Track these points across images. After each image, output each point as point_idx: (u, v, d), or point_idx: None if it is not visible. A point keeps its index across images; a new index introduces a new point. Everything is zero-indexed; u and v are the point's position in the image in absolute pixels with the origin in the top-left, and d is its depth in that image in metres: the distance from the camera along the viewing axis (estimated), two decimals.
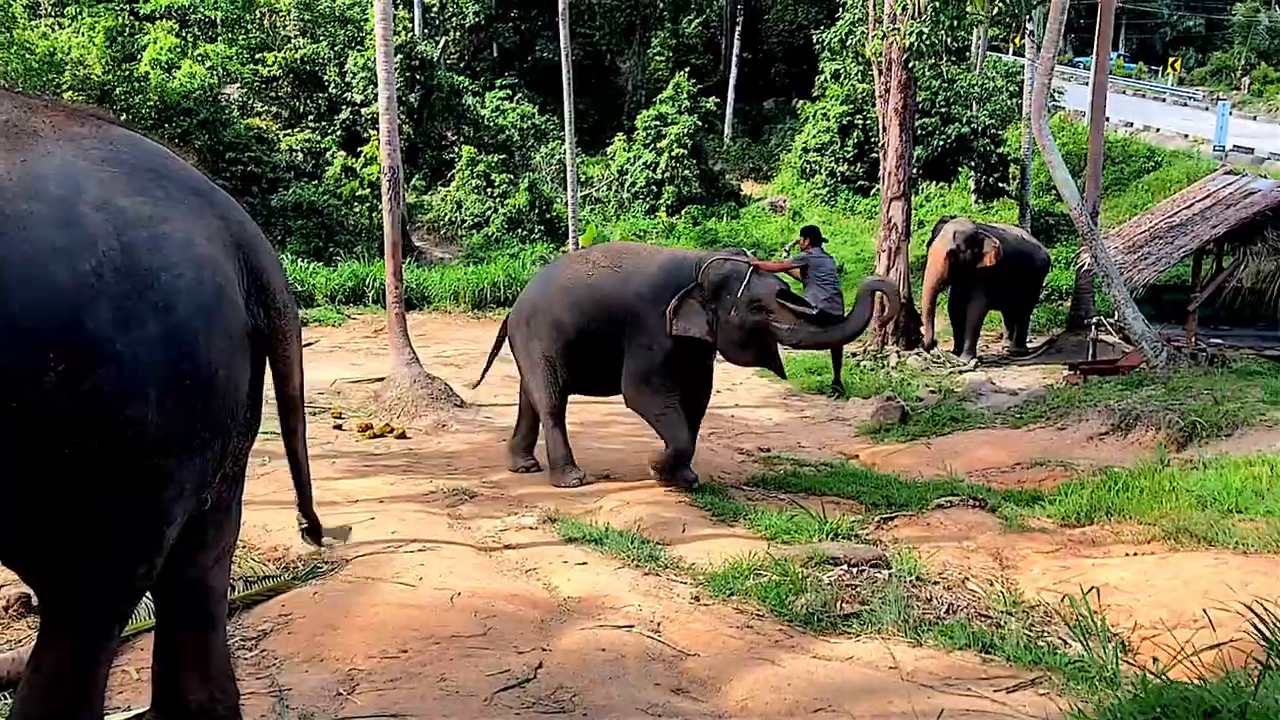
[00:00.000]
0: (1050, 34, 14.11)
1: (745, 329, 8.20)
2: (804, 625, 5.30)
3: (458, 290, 19.57)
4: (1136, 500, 7.60)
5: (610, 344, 8.56)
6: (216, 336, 2.67)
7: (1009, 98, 30.09)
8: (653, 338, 8.34)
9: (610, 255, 8.90)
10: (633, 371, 8.51)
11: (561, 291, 8.77)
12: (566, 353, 8.72)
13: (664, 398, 8.46)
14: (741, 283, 8.21)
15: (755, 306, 8.16)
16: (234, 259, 2.83)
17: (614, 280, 8.58)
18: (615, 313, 8.49)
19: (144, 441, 2.53)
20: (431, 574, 5.70)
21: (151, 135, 3.03)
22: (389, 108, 12.61)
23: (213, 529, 3.10)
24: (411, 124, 28.71)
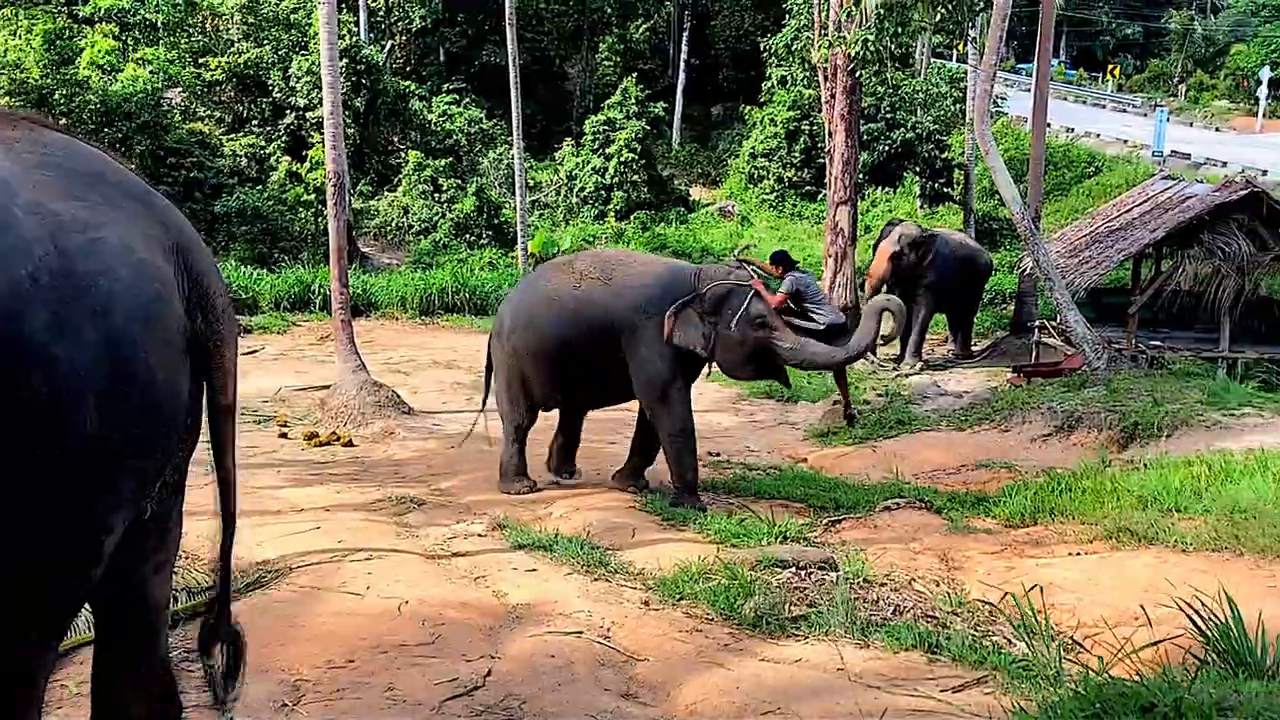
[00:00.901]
0: (992, 41, 14.33)
1: (746, 345, 8.05)
2: (753, 628, 5.32)
3: (405, 296, 19.42)
4: (1079, 501, 7.72)
5: (602, 359, 8.26)
6: (156, 342, 2.62)
7: (953, 104, 30.50)
8: (652, 347, 8.11)
9: (599, 265, 8.54)
10: (645, 385, 8.25)
11: (546, 303, 8.44)
12: (551, 367, 8.44)
13: (681, 415, 8.24)
14: (744, 298, 8.05)
15: (758, 323, 8.01)
16: (173, 264, 2.78)
17: (605, 293, 8.26)
18: (608, 327, 8.19)
19: (82, 450, 2.48)
20: (379, 583, 5.66)
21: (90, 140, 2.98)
22: (334, 112, 12.51)
23: (153, 539, 3.05)
24: (357, 129, 28.49)
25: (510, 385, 8.77)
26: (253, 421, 11.47)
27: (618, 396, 8.71)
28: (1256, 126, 38.82)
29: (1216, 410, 10.71)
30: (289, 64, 28.63)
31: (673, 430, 8.23)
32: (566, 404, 8.98)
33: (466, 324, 18.63)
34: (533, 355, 8.47)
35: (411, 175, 27.85)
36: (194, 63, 28.72)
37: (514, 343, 8.58)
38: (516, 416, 8.79)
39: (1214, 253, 15.17)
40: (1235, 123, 40.40)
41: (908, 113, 29.90)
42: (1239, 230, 15.15)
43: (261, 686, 4.35)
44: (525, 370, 8.55)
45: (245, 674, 3.25)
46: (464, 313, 19.20)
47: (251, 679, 4.41)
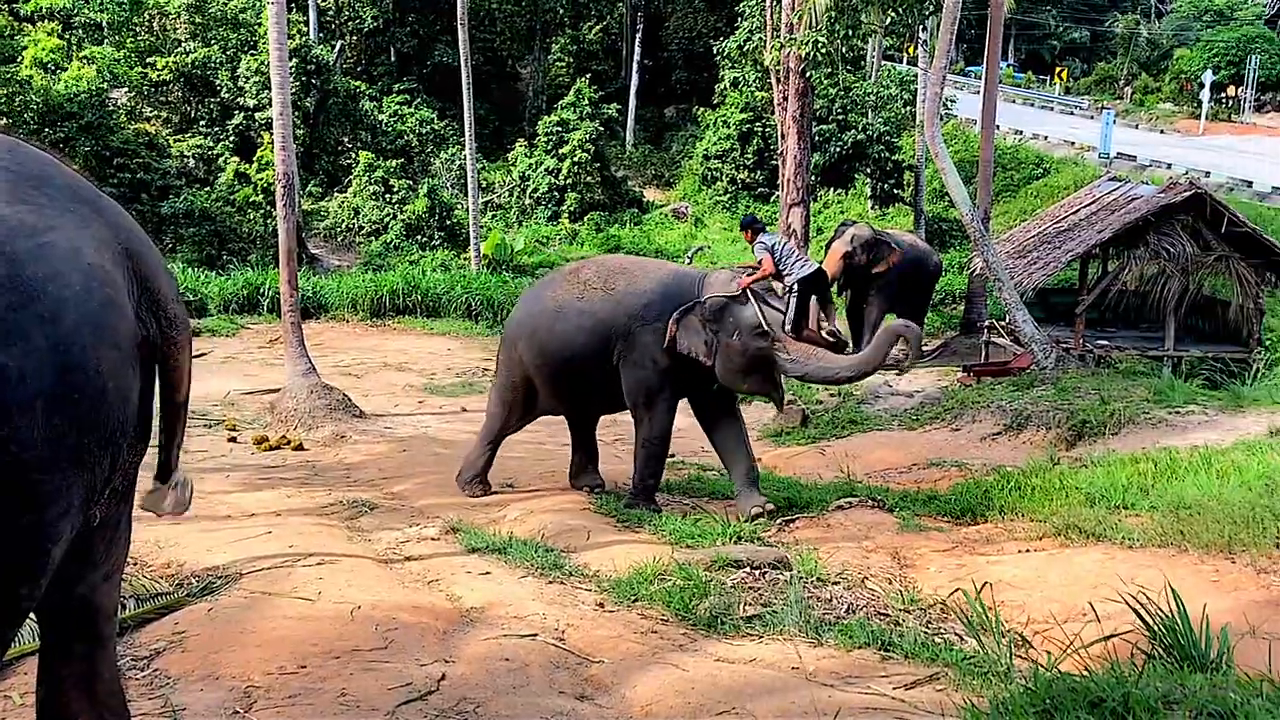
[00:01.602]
0: (942, 44, 14.48)
1: (747, 356, 7.85)
2: (707, 628, 5.34)
3: (355, 298, 19.25)
4: (1029, 498, 7.82)
5: (604, 369, 8.21)
6: (105, 348, 2.58)
7: (903, 106, 30.78)
8: (645, 354, 8.04)
9: (603, 275, 8.44)
10: (632, 391, 8.19)
11: (549, 315, 8.38)
12: (555, 378, 8.39)
13: (660, 425, 8.17)
14: (745, 306, 7.90)
15: (759, 333, 7.81)
16: (123, 268, 2.74)
17: (606, 303, 8.19)
18: (606, 335, 8.14)
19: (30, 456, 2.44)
20: (331, 587, 5.60)
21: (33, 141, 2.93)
22: (283, 113, 12.38)
23: (101, 546, 3.00)
24: (307, 129, 28.25)
25: (505, 390, 8.73)
26: (202, 426, 11.33)
27: (624, 404, 8.54)
28: (1199, 129, 39.54)
29: (1162, 408, 10.90)
30: (237, 64, 28.35)
31: (649, 436, 8.17)
32: (573, 415, 8.91)
33: (418, 326, 18.51)
34: (537, 367, 8.41)
35: (362, 176, 27.66)
36: (140, 62, 28.35)
37: (519, 351, 8.52)
38: (500, 421, 8.76)
39: (1159, 253, 15.43)
40: (1179, 125, 41.12)
41: (859, 115, 30.14)
42: (1183, 231, 15.42)
43: (212, 693, 4.30)
44: (530, 378, 8.51)
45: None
46: (416, 315, 19.06)
47: (202, 686, 4.37)
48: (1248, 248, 15.60)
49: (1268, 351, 15.27)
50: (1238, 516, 6.16)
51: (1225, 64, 42.11)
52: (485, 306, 19.01)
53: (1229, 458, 8.10)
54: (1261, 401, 11.12)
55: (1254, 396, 11.57)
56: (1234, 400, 11.27)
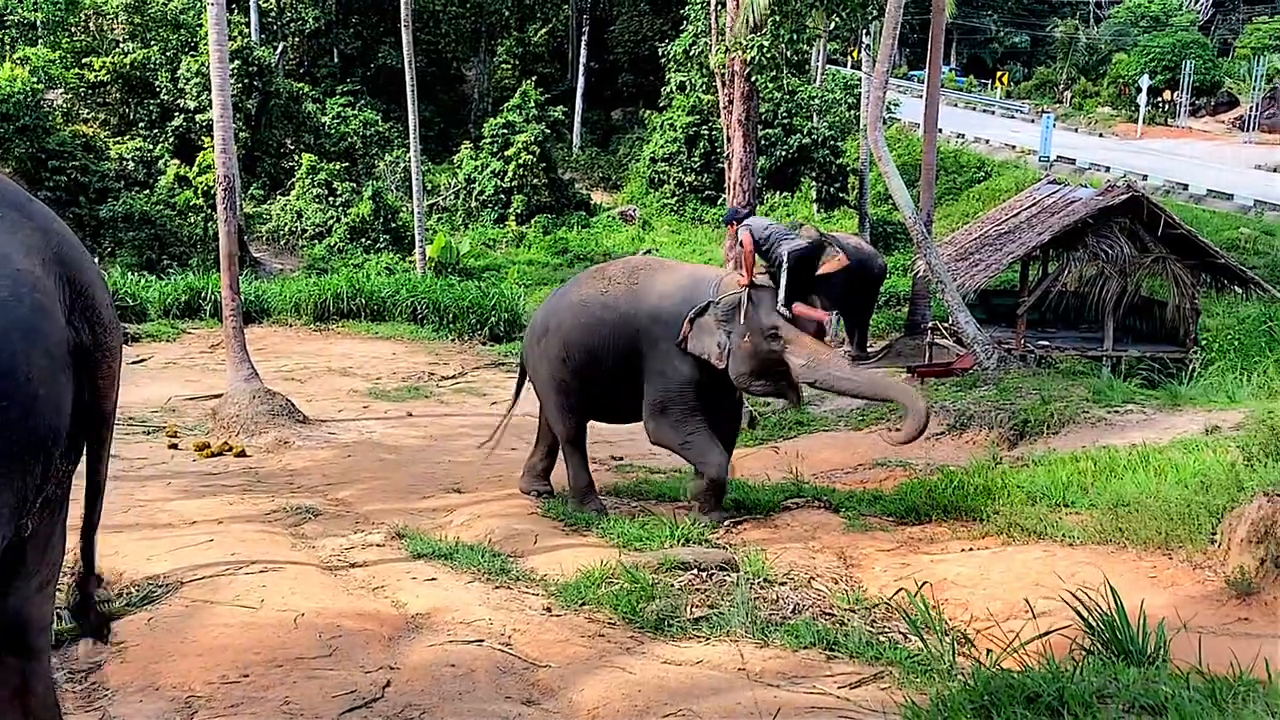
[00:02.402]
0: (884, 49, 14.61)
1: (759, 357, 7.58)
2: (655, 631, 5.34)
3: (299, 302, 19.02)
4: (971, 497, 7.90)
5: (625, 368, 7.98)
6: (36, 354, 2.54)
7: (847, 109, 31.06)
8: (667, 362, 7.80)
9: (628, 271, 8.26)
10: (650, 401, 7.95)
11: (573, 310, 8.18)
12: (579, 376, 8.14)
13: (685, 426, 7.86)
14: (759, 307, 7.64)
15: (771, 335, 7.55)
16: (54, 274, 2.70)
17: (629, 299, 7.97)
18: (628, 334, 7.91)
19: None
20: (274, 595, 5.54)
21: None
22: (224, 115, 12.23)
23: (34, 556, 2.94)
24: (249, 131, 27.95)
25: (549, 396, 8.44)
26: (142, 433, 11.16)
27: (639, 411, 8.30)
28: (1137, 133, 40.30)
29: (1101, 407, 11.08)
30: (177, 65, 27.97)
31: (681, 439, 7.93)
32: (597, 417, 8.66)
33: (363, 330, 18.35)
34: (561, 361, 8.19)
35: (305, 179, 27.42)
36: (77, 63, 27.87)
37: (544, 347, 8.33)
38: (566, 427, 8.41)
39: (1098, 255, 15.69)
40: (1118, 129, 41.89)
41: (804, 119, 30.36)
42: (1121, 233, 15.69)
43: (152, 704, 4.24)
44: (558, 377, 8.26)
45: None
46: (360, 318, 18.89)
47: (141, 697, 4.31)
48: (1183, 249, 15.91)
49: (1203, 351, 15.57)
50: (1174, 514, 6.27)
51: (1161, 69, 42.95)
52: (431, 310, 18.88)
53: (1166, 456, 8.24)
54: (1197, 400, 11.34)
55: (1190, 396, 11.80)
56: (1171, 399, 11.48)
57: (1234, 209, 27.78)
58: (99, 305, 2.86)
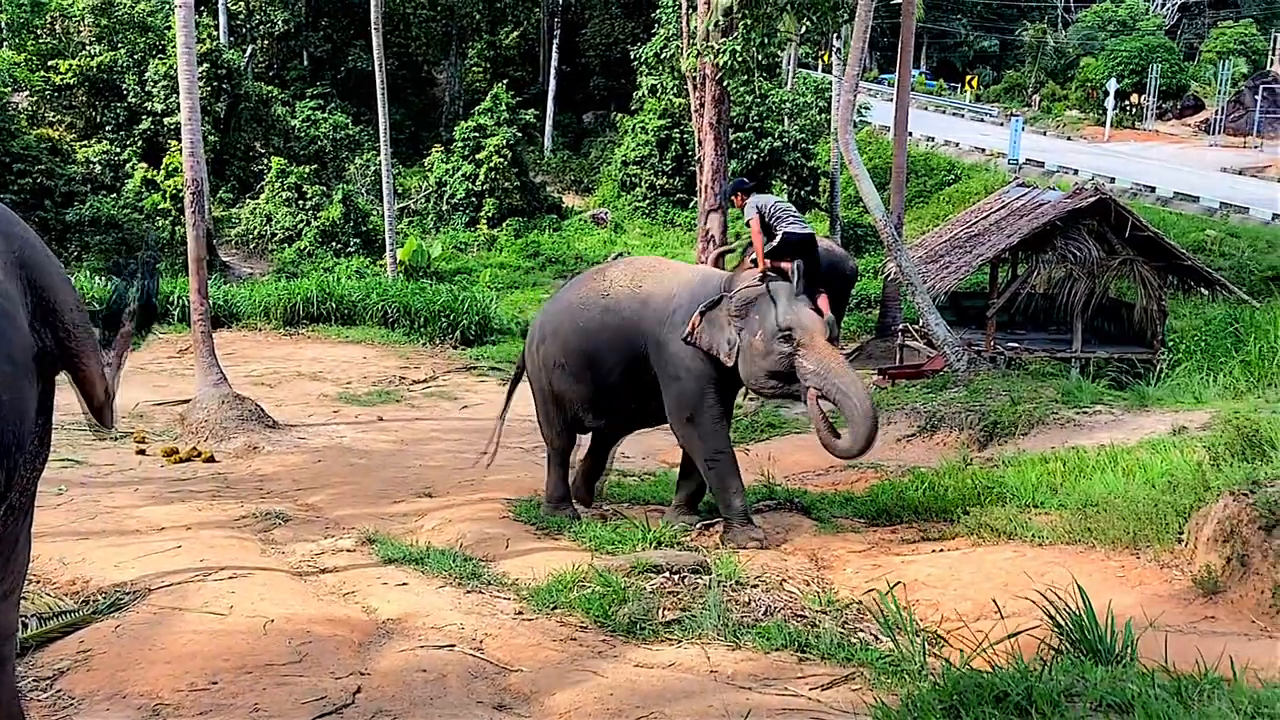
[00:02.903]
0: (854, 53, 14.69)
1: (770, 358, 7.15)
2: (626, 634, 5.34)
3: (268, 306, 18.88)
4: (942, 499, 7.95)
5: (629, 374, 7.64)
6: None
7: (818, 113, 31.22)
8: (679, 365, 7.43)
9: (630, 272, 7.94)
10: (672, 408, 7.58)
11: (571, 314, 7.88)
12: (578, 383, 7.84)
13: (714, 437, 7.48)
14: (774, 305, 7.21)
15: (784, 336, 7.09)
16: (17, 279, 2.67)
17: (632, 301, 7.63)
18: (633, 338, 7.57)
19: None
20: (243, 601, 5.50)
21: None
22: (192, 118, 12.14)
23: None
24: (218, 135, 27.77)
25: (543, 403, 8.20)
26: (109, 439, 11.04)
27: (650, 418, 8.02)
28: (1105, 136, 40.70)
29: (1070, 408, 11.17)
30: (145, 68, 27.78)
31: (708, 454, 7.50)
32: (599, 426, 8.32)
33: (333, 334, 18.24)
34: (560, 368, 7.90)
35: (275, 182, 27.27)
36: (42, 66, 27.62)
37: (542, 354, 8.04)
38: (555, 438, 8.21)
39: (1066, 257, 15.83)
40: (1085, 132, 42.28)
41: (775, 122, 30.48)
42: (1089, 235, 15.84)
43: (119, 712, 4.20)
44: (555, 385, 8.00)
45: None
46: (330, 323, 18.77)
47: (108, 705, 4.26)
48: (1151, 251, 16.08)
49: (1170, 352, 15.73)
50: (1142, 513, 6.32)
51: (1129, 72, 43.41)
52: (401, 314, 18.79)
53: (1134, 456, 8.31)
54: (1165, 401, 11.44)
55: (1158, 396, 11.89)
56: (1139, 400, 11.57)
57: (1200, 211, 28.10)
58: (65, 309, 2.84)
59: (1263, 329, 12.93)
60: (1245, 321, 13.88)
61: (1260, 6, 54.08)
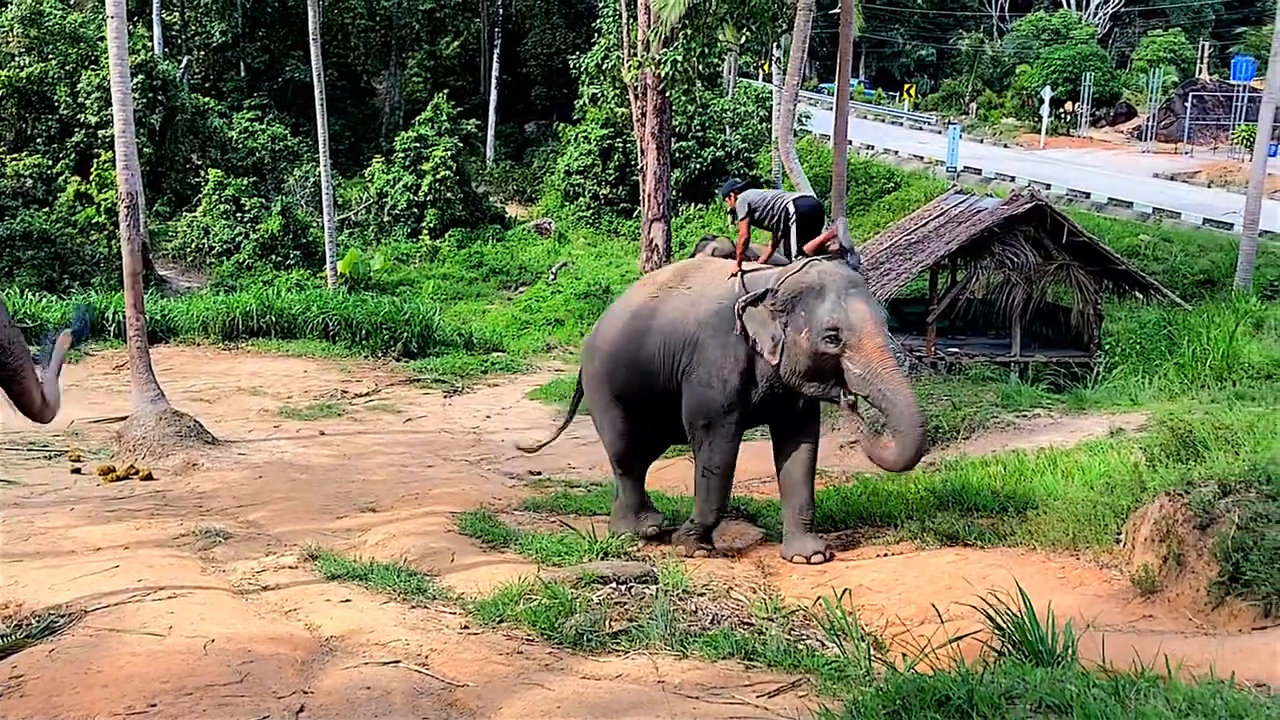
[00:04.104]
0: (793, 63, 14.81)
1: (813, 357, 6.67)
2: (574, 646, 5.31)
3: (206, 321, 18.59)
4: (886, 503, 8.01)
5: (673, 380, 7.23)
6: None
7: (760, 122, 31.44)
8: (713, 372, 6.98)
9: (683, 272, 7.57)
10: (691, 407, 7.13)
11: (618, 321, 7.59)
12: (628, 393, 7.47)
13: (723, 452, 7.08)
14: (822, 300, 6.69)
15: (830, 336, 6.60)
16: None
17: (680, 302, 7.24)
18: (678, 343, 7.16)
19: None
20: (182, 622, 5.40)
21: None
22: (126, 130, 11.94)
23: None
24: (153, 147, 27.39)
25: (603, 414, 7.83)
26: (43, 457, 10.82)
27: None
28: (1040, 143, 41.37)
29: (1010, 412, 11.31)
30: (77, 79, 27.33)
31: (710, 464, 7.15)
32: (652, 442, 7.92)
33: (273, 348, 18.01)
34: (610, 378, 7.59)
35: (212, 194, 26.96)
36: None
37: (596, 364, 7.74)
38: (615, 448, 7.81)
39: (1004, 263, 16.07)
40: (1022, 139, 42.95)
41: (717, 131, 30.66)
42: (1026, 241, 16.09)
43: None
44: (613, 394, 7.63)
45: None
46: (270, 336, 18.52)
47: None
48: (1086, 256, 16.37)
49: (1107, 355, 16.00)
50: (1081, 515, 6.41)
51: (1063, 80, 44.16)
52: (343, 327, 18.60)
53: (1072, 458, 8.44)
54: (1102, 403, 11.63)
55: (1095, 399, 12.08)
56: (1077, 403, 11.76)
57: (1134, 217, 28.64)
58: None
59: (1195, 331, 13.19)
60: (1178, 324, 14.16)
61: (1188, 16, 55.39)
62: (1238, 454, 6.57)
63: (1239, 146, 35.54)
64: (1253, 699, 3.60)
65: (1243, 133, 34.93)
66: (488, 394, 16.19)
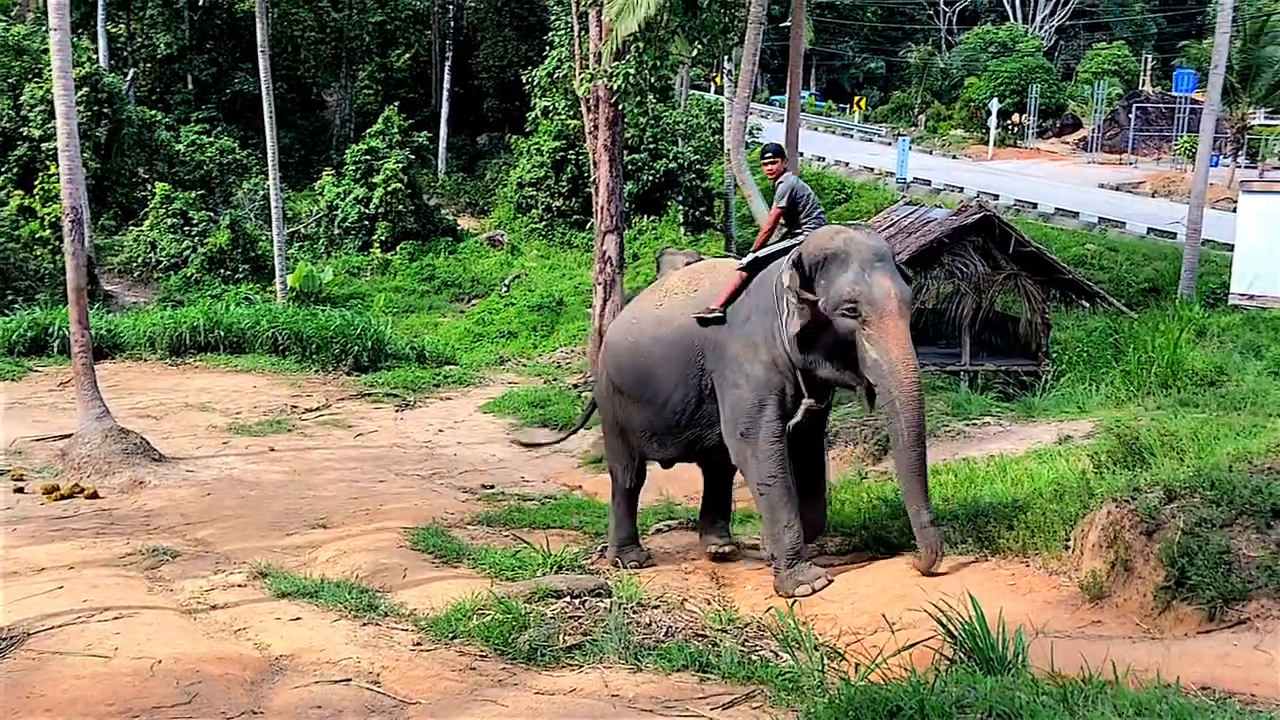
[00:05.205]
0: (744, 75, 14.86)
1: (831, 332, 6.25)
2: (527, 662, 5.28)
3: (153, 336, 18.27)
4: (838, 513, 8.04)
5: (688, 391, 6.87)
6: None
7: (712, 134, 31.54)
8: (739, 372, 6.58)
9: (688, 278, 7.21)
10: (727, 418, 6.70)
11: (624, 330, 7.31)
12: (637, 408, 7.16)
13: (769, 460, 6.51)
14: (845, 269, 6.18)
15: (848, 310, 6.16)
16: None
17: (688, 308, 6.85)
18: (689, 350, 6.79)
19: None
20: (129, 643, 5.32)
21: None
22: (70, 143, 11.76)
23: None
24: (98, 160, 27.03)
25: (608, 434, 7.63)
26: None
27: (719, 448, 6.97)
28: (988, 154, 41.87)
29: (960, 420, 11.42)
30: (20, 92, 26.93)
31: (760, 478, 6.58)
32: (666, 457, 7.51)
33: (221, 363, 17.77)
34: (618, 393, 7.29)
35: (159, 208, 26.67)
36: None
37: (605, 378, 7.44)
38: (620, 472, 7.57)
39: (953, 273, 16.19)
40: (970, 150, 43.46)
41: (670, 143, 30.73)
42: (975, 251, 16.23)
43: None
44: (617, 414, 7.36)
45: None
46: (218, 351, 18.25)
47: None
48: (1034, 266, 16.54)
49: (1055, 363, 16.18)
50: (1031, 522, 6.46)
51: (1010, 92, 44.75)
52: (293, 341, 18.39)
53: (1022, 466, 8.53)
54: (1050, 411, 11.77)
55: (1043, 407, 12.23)
56: (1025, 411, 11.89)
57: (1080, 226, 29.04)
58: None
59: (1140, 339, 13.38)
60: (1124, 332, 14.37)
61: (1132, 29, 56.37)
62: (1182, 460, 6.66)
63: (1181, 157, 36.15)
64: (1198, 703, 3.66)
65: (1185, 144, 35.53)
66: (440, 408, 16.08)
